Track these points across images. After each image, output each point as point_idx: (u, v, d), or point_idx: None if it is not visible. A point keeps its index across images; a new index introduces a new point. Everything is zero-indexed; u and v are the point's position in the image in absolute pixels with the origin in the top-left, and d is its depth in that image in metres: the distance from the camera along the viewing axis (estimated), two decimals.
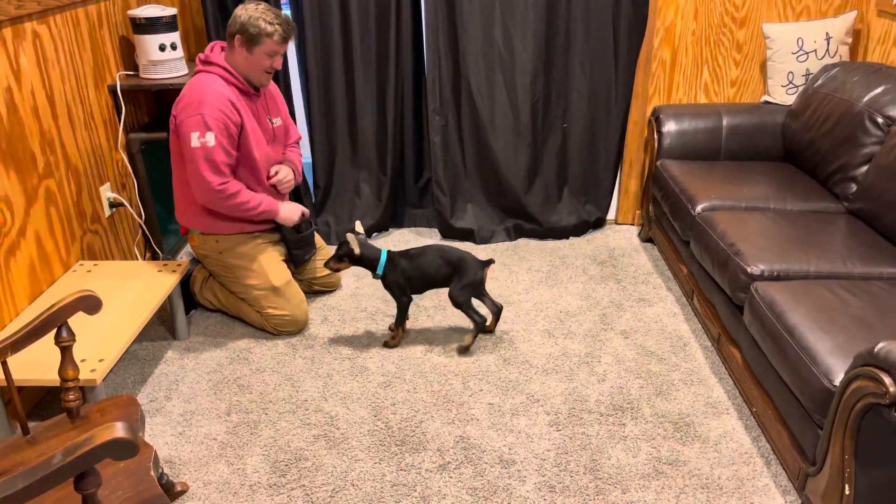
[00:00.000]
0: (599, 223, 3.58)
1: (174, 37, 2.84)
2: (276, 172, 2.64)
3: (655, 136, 3.24)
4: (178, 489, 1.93)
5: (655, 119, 3.26)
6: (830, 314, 1.94)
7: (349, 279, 3.11)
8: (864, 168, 2.62)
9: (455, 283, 2.48)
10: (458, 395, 2.34)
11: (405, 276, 2.50)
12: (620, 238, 3.50)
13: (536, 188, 3.46)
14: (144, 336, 2.69)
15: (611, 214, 3.65)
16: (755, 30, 3.24)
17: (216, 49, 2.49)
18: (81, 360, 1.98)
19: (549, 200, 3.48)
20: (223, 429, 2.20)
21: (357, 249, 2.46)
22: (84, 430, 1.58)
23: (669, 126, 3.19)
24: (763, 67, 3.31)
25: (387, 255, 2.51)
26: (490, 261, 2.51)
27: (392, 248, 2.90)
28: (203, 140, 2.37)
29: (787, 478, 1.98)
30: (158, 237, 3.08)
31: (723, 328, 2.44)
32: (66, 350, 1.60)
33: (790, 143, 3.08)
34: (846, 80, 2.82)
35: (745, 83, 3.35)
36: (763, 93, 3.36)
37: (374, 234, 3.54)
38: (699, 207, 2.71)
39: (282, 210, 2.65)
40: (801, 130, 2.97)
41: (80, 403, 1.63)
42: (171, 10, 2.82)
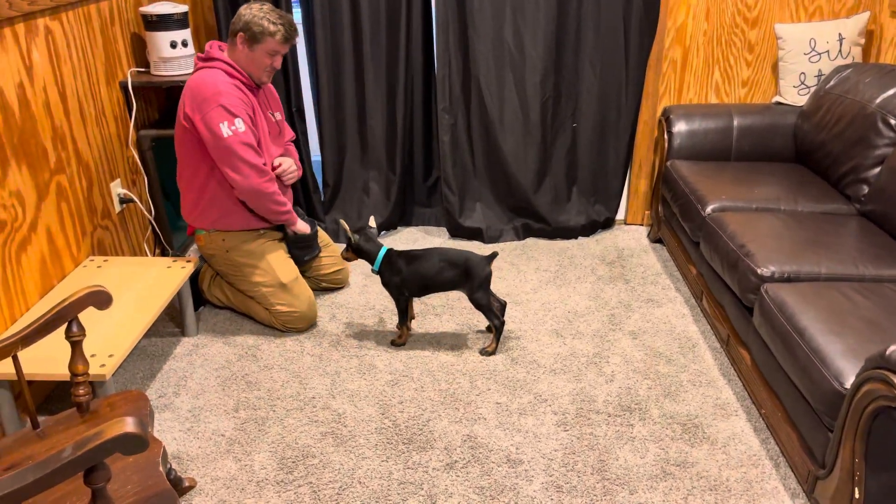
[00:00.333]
0: (608, 223, 3.57)
1: (185, 34, 2.85)
2: (280, 164, 2.65)
3: (665, 137, 3.22)
4: (186, 484, 1.94)
5: (666, 119, 3.25)
6: (841, 316, 1.92)
7: (357, 276, 3.11)
8: (877, 170, 2.61)
9: (469, 287, 2.47)
10: (466, 394, 2.33)
11: (401, 277, 2.50)
12: (629, 238, 3.49)
13: (545, 188, 3.45)
14: (153, 332, 2.70)
15: (620, 214, 3.64)
16: (767, 30, 3.23)
17: (214, 47, 2.51)
18: (91, 356, 1.99)
19: (558, 200, 3.47)
20: (231, 425, 2.20)
21: (350, 235, 2.51)
22: (93, 425, 1.59)
23: (680, 126, 3.18)
24: (775, 68, 3.30)
25: (385, 253, 2.51)
26: (494, 254, 2.49)
27: (400, 247, 2.90)
28: (234, 128, 2.39)
29: (797, 480, 1.97)
30: (168, 233, 3.09)
31: (732, 329, 2.42)
32: (77, 345, 1.61)
33: (801, 145, 3.06)
34: (859, 82, 2.80)
35: (757, 84, 3.34)
36: (774, 93, 3.34)
37: (383, 233, 3.54)
38: (709, 208, 2.70)
39: (299, 223, 2.72)
40: (813, 131, 2.96)
41: (90, 398, 1.64)
42: (183, 7, 2.83)
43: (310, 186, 3.44)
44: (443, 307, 2.85)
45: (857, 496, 1.62)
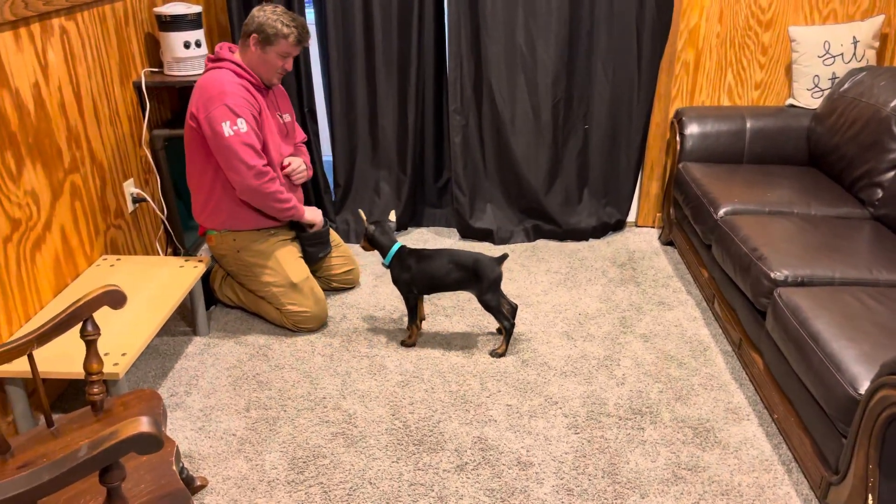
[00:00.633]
0: (619, 225, 3.56)
1: (199, 34, 2.86)
2: (290, 163, 2.66)
3: (678, 139, 3.21)
4: (198, 484, 1.95)
5: (678, 121, 3.23)
6: (856, 321, 1.91)
7: (368, 277, 3.11)
8: (891, 174, 2.59)
9: (479, 288, 2.47)
10: (476, 396, 2.33)
11: (410, 274, 2.51)
12: (640, 241, 3.48)
13: (556, 189, 3.45)
14: (165, 331, 2.71)
15: (631, 217, 3.63)
16: (781, 32, 3.21)
17: (224, 49, 2.52)
18: (104, 354, 2.00)
19: (569, 202, 3.47)
20: (242, 424, 2.21)
21: (367, 226, 2.54)
22: (107, 424, 1.60)
23: (692, 128, 3.17)
24: (788, 70, 3.28)
25: (398, 249, 2.52)
26: (504, 256, 2.49)
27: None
28: (236, 128, 2.40)
29: (809, 486, 1.96)
30: (180, 233, 3.10)
31: (744, 333, 2.41)
32: (92, 344, 1.61)
33: (815, 148, 3.05)
34: (873, 85, 2.78)
35: (770, 86, 3.32)
36: (788, 96, 3.32)
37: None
38: (722, 211, 2.68)
39: (307, 212, 2.69)
40: (827, 135, 2.94)
41: (104, 397, 1.65)
42: (196, 8, 2.84)
43: (321, 186, 3.45)
44: (453, 308, 2.85)
45: (871, 503, 1.61)
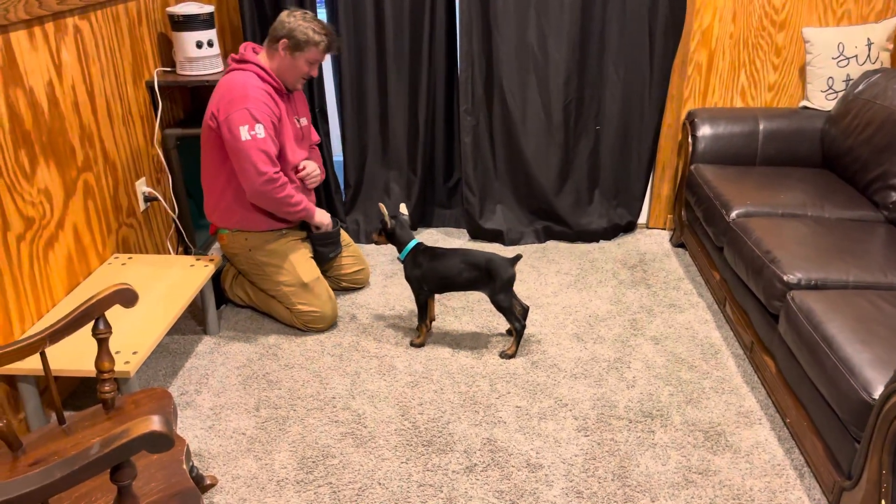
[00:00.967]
0: (630, 227, 3.55)
1: (211, 34, 2.87)
2: (304, 167, 2.67)
3: (690, 140, 3.20)
4: (208, 482, 1.95)
5: (690, 122, 3.22)
6: (870, 325, 1.89)
7: (378, 277, 3.11)
8: None
9: (492, 288, 2.46)
10: (486, 397, 2.33)
11: (422, 272, 2.51)
12: (651, 242, 3.46)
13: (567, 190, 3.44)
14: (176, 329, 2.72)
15: (642, 218, 3.61)
16: (795, 34, 3.19)
17: (249, 50, 2.53)
18: (116, 352, 2.01)
19: (580, 203, 3.45)
20: (252, 424, 2.21)
21: (388, 220, 2.53)
22: (118, 422, 1.60)
23: (704, 130, 3.15)
24: (802, 72, 3.25)
25: (414, 245, 2.53)
26: (518, 256, 2.49)
27: None
28: (253, 133, 2.41)
29: (821, 491, 1.94)
30: (191, 232, 3.11)
31: (756, 336, 2.40)
32: (103, 342, 1.62)
33: (829, 150, 3.02)
34: (887, 87, 2.75)
35: (784, 87, 3.30)
36: (801, 98, 3.30)
37: None
38: (734, 213, 2.67)
39: (317, 214, 2.70)
40: (841, 137, 2.92)
41: (115, 395, 1.65)
42: (209, 8, 2.85)
43: (332, 187, 3.45)
44: (462, 309, 2.85)
45: None
